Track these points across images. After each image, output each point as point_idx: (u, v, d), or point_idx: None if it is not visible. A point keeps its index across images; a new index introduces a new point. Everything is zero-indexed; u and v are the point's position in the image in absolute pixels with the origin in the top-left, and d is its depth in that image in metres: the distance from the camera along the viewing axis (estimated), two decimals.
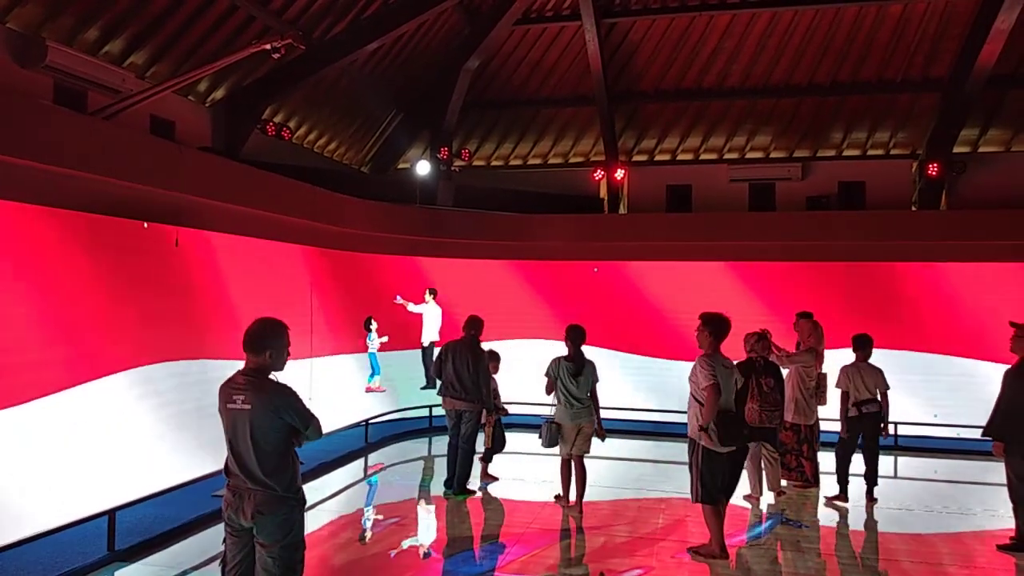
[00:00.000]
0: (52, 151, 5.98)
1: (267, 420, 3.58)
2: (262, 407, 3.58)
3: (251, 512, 3.56)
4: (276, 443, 3.61)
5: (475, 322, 7.61)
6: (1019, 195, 12.97)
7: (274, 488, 3.58)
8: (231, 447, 3.64)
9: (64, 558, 5.38)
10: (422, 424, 10.89)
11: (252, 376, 3.65)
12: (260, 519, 3.56)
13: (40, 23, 8.63)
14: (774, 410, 7.25)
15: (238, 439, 3.60)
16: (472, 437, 7.47)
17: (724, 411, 5.52)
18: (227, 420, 3.65)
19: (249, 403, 3.58)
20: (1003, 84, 13.56)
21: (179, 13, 9.91)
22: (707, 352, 5.64)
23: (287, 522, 3.61)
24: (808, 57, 14.46)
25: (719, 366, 5.55)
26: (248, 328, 3.72)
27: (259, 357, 3.67)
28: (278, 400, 3.62)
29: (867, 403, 7.39)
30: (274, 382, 3.69)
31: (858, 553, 5.98)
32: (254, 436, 3.57)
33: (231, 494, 3.64)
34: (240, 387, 3.62)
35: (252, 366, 3.68)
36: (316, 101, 13.53)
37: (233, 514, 3.62)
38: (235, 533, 3.67)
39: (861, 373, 7.44)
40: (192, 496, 6.76)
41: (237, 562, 3.67)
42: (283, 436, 3.63)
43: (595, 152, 16.01)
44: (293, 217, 9.43)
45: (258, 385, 3.62)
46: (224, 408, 3.66)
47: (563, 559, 5.91)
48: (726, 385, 5.55)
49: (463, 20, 14.32)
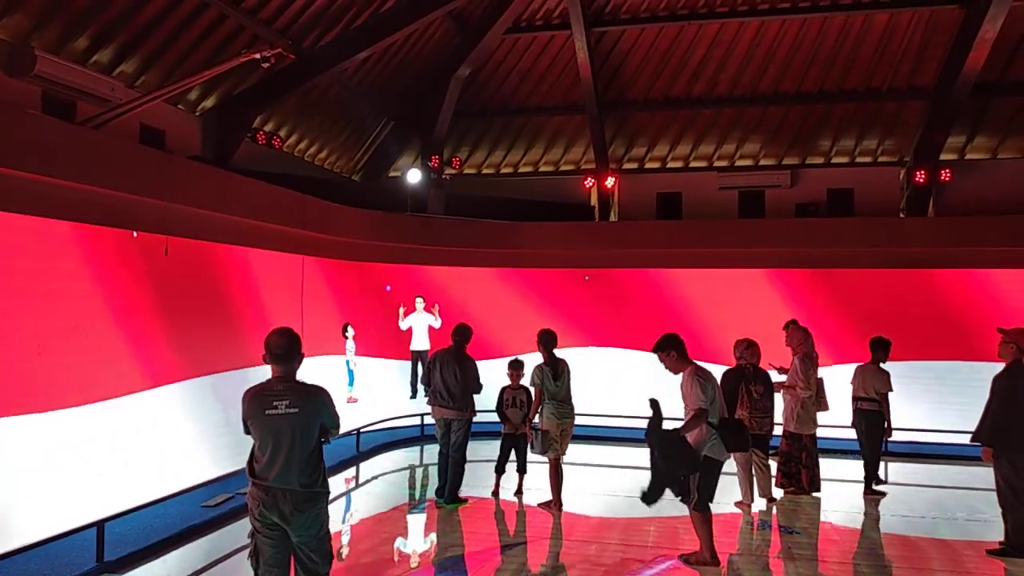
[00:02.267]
0: (41, 161, 5.96)
1: (312, 421, 3.86)
2: (309, 410, 3.85)
3: (289, 509, 3.76)
4: (313, 442, 3.88)
5: (462, 330, 7.60)
6: (1005, 202, 13.09)
7: (310, 485, 3.81)
8: (267, 450, 3.81)
9: (53, 570, 5.33)
10: (414, 433, 10.86)
11: (290, 382, 3.90)
12: (298, 516, 3.77)
13: (29, 32, 8.60)
14: (764, 416, 7.28)
15: (278, 442, 3.79)
16: (463, 446, 7.45)
17: (722, 419, 5.55)
18: (264, 426, 3.82)
19: (296, 407, 3.82)
20: (988, 92, 13.70)
21: (168, 22, 9.90)
22: (691, 368, 5.61)
23: (322, 514, 3.88)
24: (796, 66, 14.57)
25: (705, 380, 5.51)
26: (272, 340, 3.91)
27: (290, 365, 3.91)
28: (319, 402, 3.92)
29: (863, 400, 8.06)
30: (313, 385, 3.96)
31: (849, 559, 6.00)
32: (298, 438, 3.80)
33: (263, 493, 3.79)
34: (281, 394, 3.84)
35: (282, 374, 3.91)
36: (307, 110, 13.52)
37: (267, 511, 3.78)
38: (268, 529, 3.82)
39: (864, 374, 8.11)
40: (181, 507, 6.72)
41: (270, 556, 3.84)
42: (317, 435, 3.91)
43: (585, 160, 16.06)
44: (283, 226, 9.43)
45: (300, 390, 3.89)
46: (260, 415, 3.82)
47: (557, 567, 5.90)
48: (715, 396, 5.55)
49: (453, 29, 14.37)
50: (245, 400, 3.91)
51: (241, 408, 3.91)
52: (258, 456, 3.86)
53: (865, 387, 8.09)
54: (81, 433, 6.61)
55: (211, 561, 5.95)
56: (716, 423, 5.49)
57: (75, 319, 6.66)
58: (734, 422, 5.67)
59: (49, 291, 6.36)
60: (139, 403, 7.38)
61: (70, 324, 6.54)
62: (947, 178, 13.82)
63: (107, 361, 7.04)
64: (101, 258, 6.93)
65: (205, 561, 5.91)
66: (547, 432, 7.10)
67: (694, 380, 5.52)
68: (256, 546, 3.87)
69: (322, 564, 3.89)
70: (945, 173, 13.79)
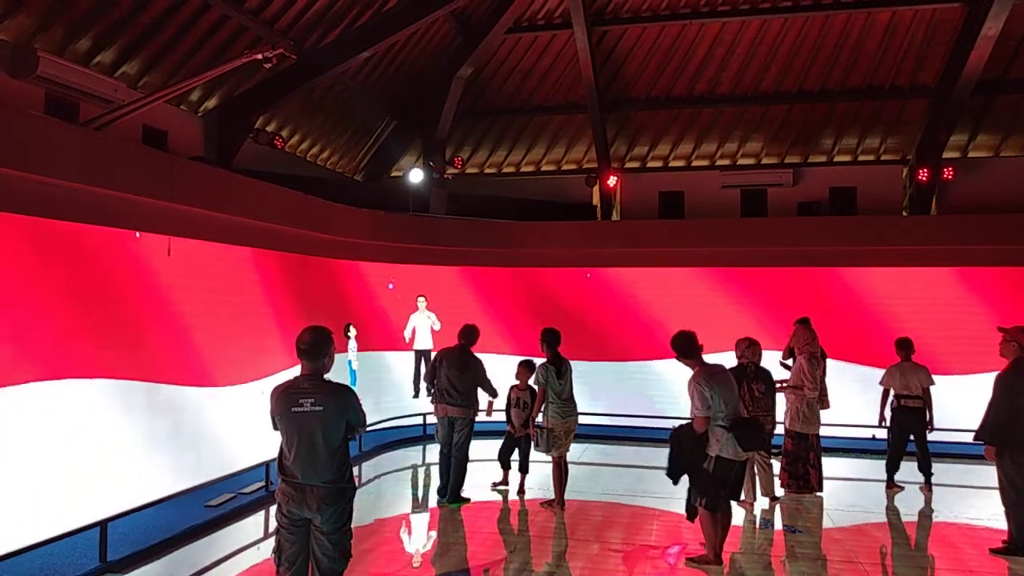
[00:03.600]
0: (44, 162, 5.97)
1: (337, 419, 3.93)
2: (334, 407, 3.93)
3: (316, 504, 3.86)
4: (339, 439, 3.96)
5: (469, 330, 7.63)
6: (1008, 200, 13.05)
7: (337, 480, 3.91)
8: (293, 447, 3.90)
9: (56, 569, 5.35)
10: (415, 432, 10.87)
11: (317, 380, 3.97)
12: (325, 510, 3.87)
13: (32, 34, 8.62)
14: (765, 415, 7.28)
15: (304, 439, 3.87)
16: (465, 445, 7.47)
17: (737, 419, 5.47)
18: (290, 423, 3.90)
19: (321, 405, 3.89)
20: (991, 89, 13.66)
21: (171, 24, 9.91)
22: (696, 372, 5.55)
23: (347, 510, 3.98)
24: (798, 64, 14.55)
25: (710, 385, 5.43)
26: (301, 338, 3.99)
27: (317, 363, 3.99)
28: (344, 400, 3.99)
29: (908, 398, 8.17)
30: (339, 384, 4.05)
31: (853, 558, 5.99)
32: (324, 435, 3.88)
33: (292, 489, 3.89)
34: (307, 391, 3.91)
35: (310, 372, 3.99)
36: (309, 110, 13.53)
37: (295, 508, 3.89)
38: (293, 524, 3.93)
39: (905, 372, 8.22)
40: (185, 506, 6.74)
41: (294, 551, 3.94)
42: (344, 432, 3.99)
43: (588, 159, 16.05)
44: (285, 226, 9.44)
45: (326, 388, 3.96)
46: (287, 412, 3.91)
47: (560, 565, 5.90)
48: (726, 396, 5.48)
49: (455, 29, 14.37)
50: (273, 397, 4.00)
51: (269, 404, 4.01)
52: (286, 453, 3.96)
53: (910, 385, 8.20)
54: None
55: (214, 561, 5.96)
56: (727, 425, 5.42)
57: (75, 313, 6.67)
58: (750, 421, 5.60)
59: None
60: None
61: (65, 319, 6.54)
62: (950, 176, 13.80)
63: None
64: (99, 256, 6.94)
65: (207, 561, 5.93)
66: (552, 430, 7.14)
67: (693, 388, 5.48)
68: (279, 543, 3.96)
69: (339, 560, 3.95)
70: (948, 171, 13.76)
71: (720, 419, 5.42)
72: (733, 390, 5.59)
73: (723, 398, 5.44)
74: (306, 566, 3.98)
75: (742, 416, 5.58)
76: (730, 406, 5.46)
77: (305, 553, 3.95)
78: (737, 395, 5.65)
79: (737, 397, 5.64)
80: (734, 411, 5.49)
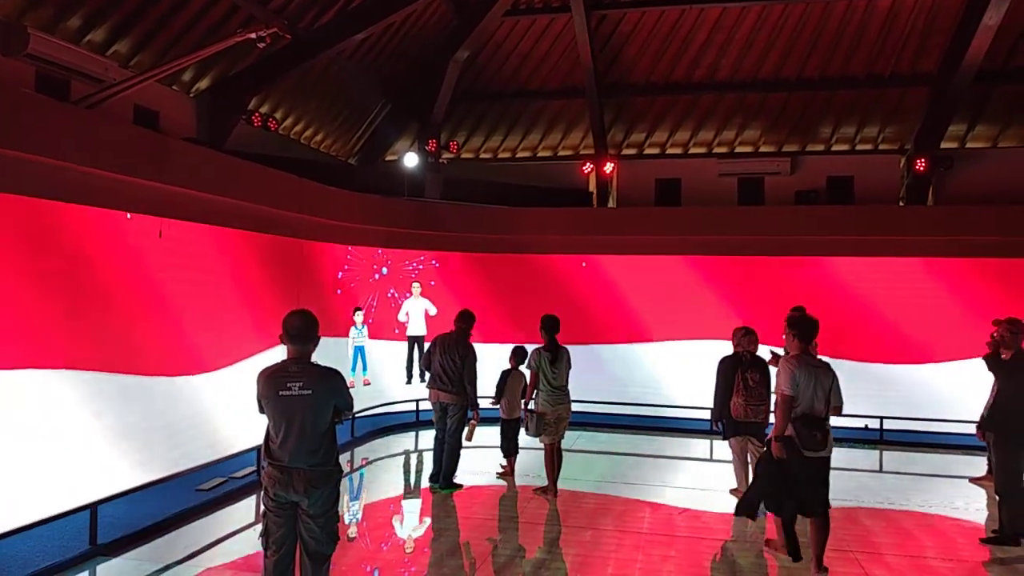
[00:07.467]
0: (34, 140, 5.89)
1: (325, 403, 3.92)
2: (323, 391, 3.91)
3: (303, 487, 3.85)
4: (327, 423, 3.95)
5: (466, 317, 7.57)
6: (1005, 191, 13.04)
7: (324, 464, 3.90)
8: (280, 430, 3.88)
9: (46, 552, 5.32)
10: (408, 418, 10.85)
11: (305, 364, 3.95)
12: (313, 492, 3.86)
13: (22, 11, 8.49)
14: (759, 404, 7.25)
15: (292, 422, 3.86)
16: (458, 431, 7.45)
17: (804, 415, 5.23)
18: (278, 405, 3.88)
19: (310, 388, 3.88)
20: (991, 80, 13.61)
21: (164, 1, 9.78)
22: (793, 354, 5.36)
23: (333, 493, 3.97)
24: (797, 51, 14.46)
25: (803, 370, 5.24)
26: (289, 322, 3.96)
27: (306, 347, 3.97)
28: (333, 384, 3.98)
29: None
30: (327, 368, 4.01)
31: (843, 546, 6.00)
32: (312, 419, 3.87)
33: (279, 472, 3.88)
34: (295, 375, 3.89)
35: (298, 355, 3.96)
36: (303, 91, 13.40)
37: (282, 491, 3.87)
38: (280, 507, 3.92)
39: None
40: (175, 490, 6.70)
41: (281, 534, 3.93)
42: (331, 416, 3.97)
43: (584, 145, 15.97)
44: (279, 209, 9.36)
45: (314, 372, 3.94)
46: (275, 395, 3.88)
47: (552, 552, 5.90)
48: (808, 389, 5.25)
49: (452, 11, 14.22)
50: (260, 380, 3.96)
51: (256, 388, 3.97)
52: (272, 436, 3.93)
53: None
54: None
55: (204, 545, 5.93)
56: (796, 415, 5.20)
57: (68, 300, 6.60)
58: (813, 419, 5.23)
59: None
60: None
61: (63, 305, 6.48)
62: (947, 166, 13.77)
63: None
64: (93, 241, 6.87)
65: (198, 545, 5.90)
66: (542, 415, 7.11)
67: (784, 367, 5.27)
68: (267, 526, 3.95)
69: (327, 543, 3.95)
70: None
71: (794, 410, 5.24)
72: (821, 387, 5.31)
73: (804, 389, 5.23)
74: (294, 549, 3.96)
75: (810, 414, 5.27)
76: (805, 401, 5.24)
77: (293, 536, 3.93)
78: (818, 394, 5.30)
79: (818, 396, 5.30)
80: (808, 407, 5.26)
